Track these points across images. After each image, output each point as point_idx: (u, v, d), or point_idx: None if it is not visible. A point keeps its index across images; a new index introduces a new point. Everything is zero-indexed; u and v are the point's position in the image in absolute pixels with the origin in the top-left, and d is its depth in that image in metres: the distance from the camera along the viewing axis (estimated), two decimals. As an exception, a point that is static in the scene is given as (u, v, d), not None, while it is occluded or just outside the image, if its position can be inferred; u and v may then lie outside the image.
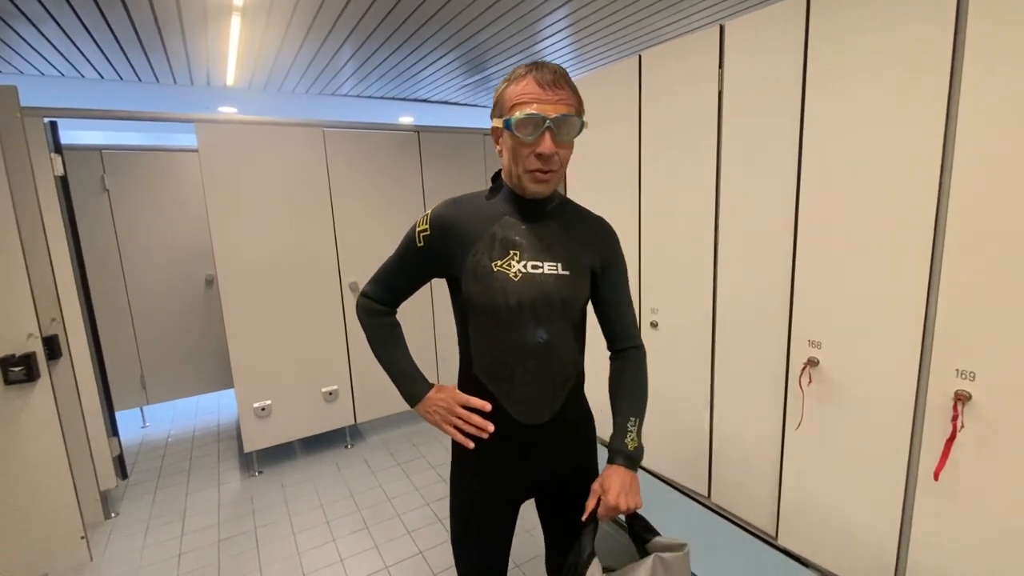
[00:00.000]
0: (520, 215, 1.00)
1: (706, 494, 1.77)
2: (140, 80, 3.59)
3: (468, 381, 1.04)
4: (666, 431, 1.91)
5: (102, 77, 3.46)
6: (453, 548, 1.14)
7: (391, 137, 3.04)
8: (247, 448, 2.79)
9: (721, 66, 1.53)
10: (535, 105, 0.89)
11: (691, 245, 1.70)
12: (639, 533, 1.03)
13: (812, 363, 1.36)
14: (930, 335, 1.14)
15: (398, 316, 1.15)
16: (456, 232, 0.99)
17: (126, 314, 3.31)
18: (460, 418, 1.01)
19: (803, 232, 1.36)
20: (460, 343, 1.06)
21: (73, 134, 4.80)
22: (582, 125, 0.94)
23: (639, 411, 1.08)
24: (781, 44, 1.36)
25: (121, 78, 3.52)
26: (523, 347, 0.98)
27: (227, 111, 4.70)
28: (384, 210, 3.06)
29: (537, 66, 0.91)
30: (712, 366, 1.69)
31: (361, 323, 1.12)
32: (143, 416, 3.68)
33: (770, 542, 1.54)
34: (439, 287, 3.23)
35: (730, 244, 1.58)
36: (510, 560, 1.99)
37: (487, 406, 1.00)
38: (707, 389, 1.72)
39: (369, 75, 3.70)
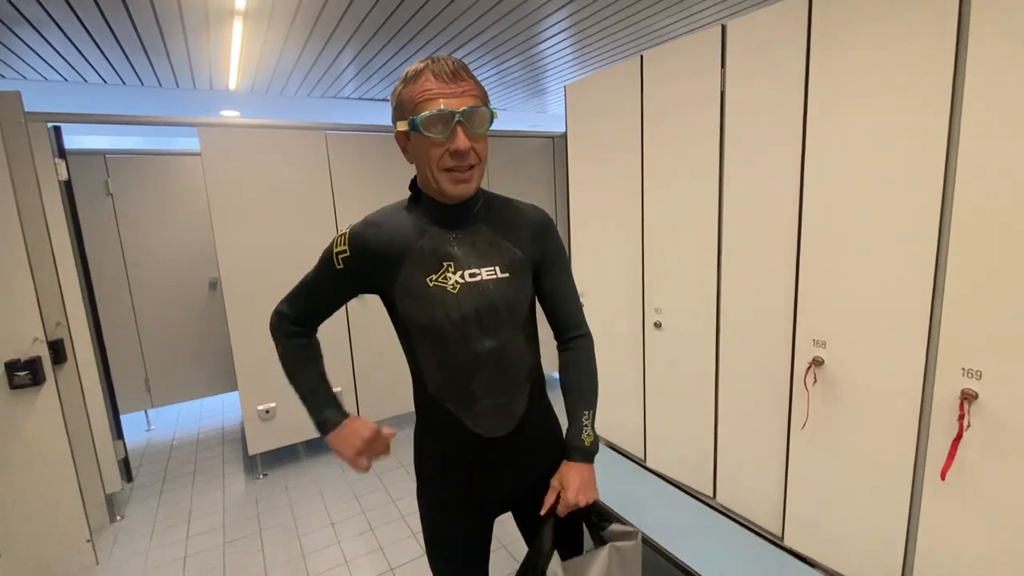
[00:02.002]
0: (446, 223, 0.94)
1: (711, 494, 1.77)
2: (142, 84, 3.60)
3: (425, 403, 0.99)
4: (671, 431, 1.91)
5: (105, 81, 3.48)
6: (430, 566, 1.10)
7: (392, 139, 3.03)
8: (251, 451, 2.80)
9: (723, 66, 1.53)
10: (440, 100, 0.83)
11: (694, 245, 1.70)
12: (595, 521, 1.02)
13: (817, 362, 1.36)
14: (936, 334, 1.13)
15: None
16: (379, 253, 0.92)
17: (130, 317, 3.32)
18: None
19: (807, 231, 1.36)
20: (409, 364, 1.00)
21: (76, 138, 4.81)
22: (492, 116, 0.89)
23: (592, 403, 1.05)
24: (783, 43, 1.36)
25: (124, 82, 3.53)
26: (474, 360, 0.93)
27: (229, 115, 4.71)
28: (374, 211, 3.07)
29: (433, 60, 0.85)
30: (716, 366, 1.69)
31: (274, 341, 1.04)
32: (148, 419, 3.69)
33: (776, 542, 1.54)
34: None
35: (734, 244, 1.58)
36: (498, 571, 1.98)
37: (392, 433, 0.98)
38: (711, 389, 1.71)
39: (370, 78, 3.70)
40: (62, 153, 2.34)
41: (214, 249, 2.61)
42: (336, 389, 2.91)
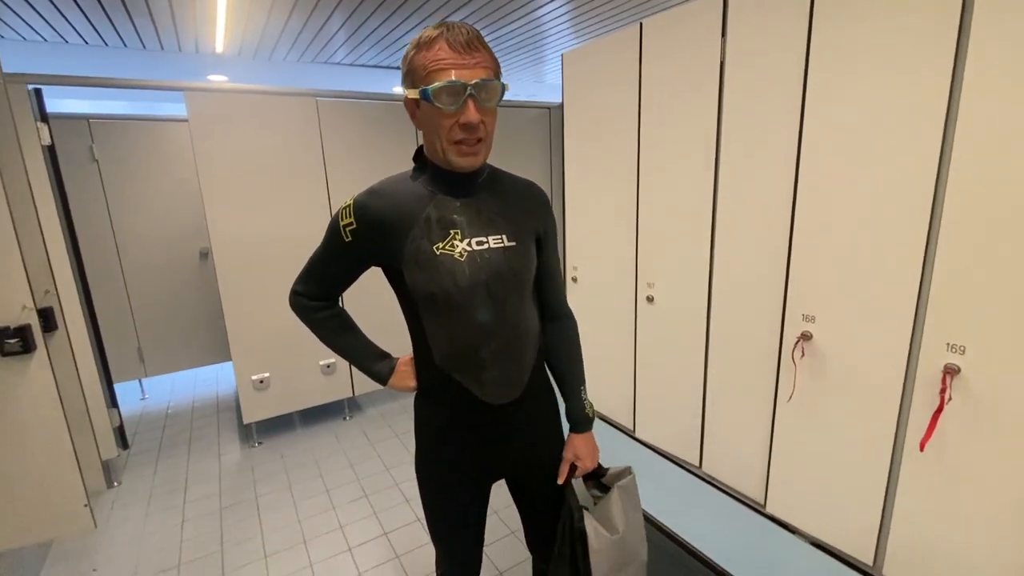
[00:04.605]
0: (452, 192, 0.94)
1: (697, 464, 1.81)
2: (125, 46, 3.48)
3: (429, 372, 1.00)
4: (660, 403, 1.94)
5: (86, 43, 3.36)
6: (431, 533, 1.14)
7: (385, 107, 2.98)
8: (246, 420, 2.82)
9: (724, 35, 1.49)
10: (453, 71, 0.81)
11: (690, 219, 1.70)
12: (595, 472, 1.17)
13: (805, 337, 1.38)
14: (923, 309, 1.15)
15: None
16: (385, 222, 0.91)
17: (120, 287, 3.30)
18: None
19: (801, 206, 1.36)
20: (412, 335, 1.01)
21: (57, 103, 4.66)
22: (503, 89, 0.87)
23: (583, 378, 1.14)
24: (785, 12, 1.33)
25: (106, 44, 3.41)
26: (484, 328, 0.94)
27: (217, 80, 4.58)
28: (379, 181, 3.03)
29: (448, 27, 0.83)
30: (707, 340, 1.71)
31: (300, 319, 1.06)
32: (142, 388, 3.71)
33: (758, 509, 1.59)
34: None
35: (728, 218, 1.57)
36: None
37: None
38: (701, 362, 1.74)
39: (361, 43, 3.60)
40: (44, 117, 2.27)
41: (204, 218, 2.58)
42: (330, 360, 2.95)
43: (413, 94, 0.86)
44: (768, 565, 1.38)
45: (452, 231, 0.92)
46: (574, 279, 2.29)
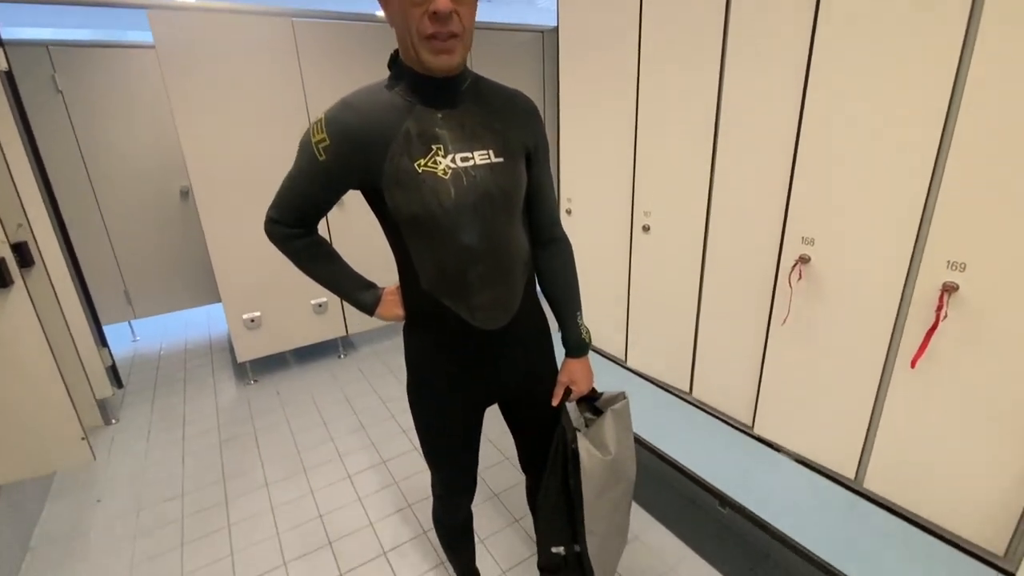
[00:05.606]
0: (432, 102, 0.86)
1: (688, 390, 1.84)
2: (79, -39, 3.17)
3: (416, 298, 0.96)
4: (652, 332, 1.95)
5: (35, -43, 3.05)
6: (425, 457, 1.14)
7: (368, 29, 2.78)
8: (240, 358, 2.83)
9: (733, -67, 1.37)
10: None
11: (689, 143, 1.62)
12: (589, 396, 1.17)
13: (803, 260, 1.35)
14: (926, 227, 1.12)
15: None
16: (361, 137, 0.84)
17: (100, 226, 3.19)
18: None
19: (807, 126, 1.29)
20: (398, 260, 0.96)
21: (11, 31, 4.32)
22: None
23: (579, 302, 1.11)
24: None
25: (57, -42, 3.11)
26: (471, 251, 0.89)
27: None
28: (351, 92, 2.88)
29: None
30: (702, 267, 1.69)
31: (278, 249, 1.00)
32: (132, 330, 3.69)
33: (746, 431, 1.63)
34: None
35: (730, 141, 1.51)
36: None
37: None
38: (695, 290, 1.72)
39: (339, -42, 3.31)
40: (-4, 38, 2.09)
41: (181, 154, 2.45)
42: (321, 299, 2.92)
43: None
44: (752, 480, 1.43)
45: (434, 146, 0.85)
46: (568, 211, 2.24)
